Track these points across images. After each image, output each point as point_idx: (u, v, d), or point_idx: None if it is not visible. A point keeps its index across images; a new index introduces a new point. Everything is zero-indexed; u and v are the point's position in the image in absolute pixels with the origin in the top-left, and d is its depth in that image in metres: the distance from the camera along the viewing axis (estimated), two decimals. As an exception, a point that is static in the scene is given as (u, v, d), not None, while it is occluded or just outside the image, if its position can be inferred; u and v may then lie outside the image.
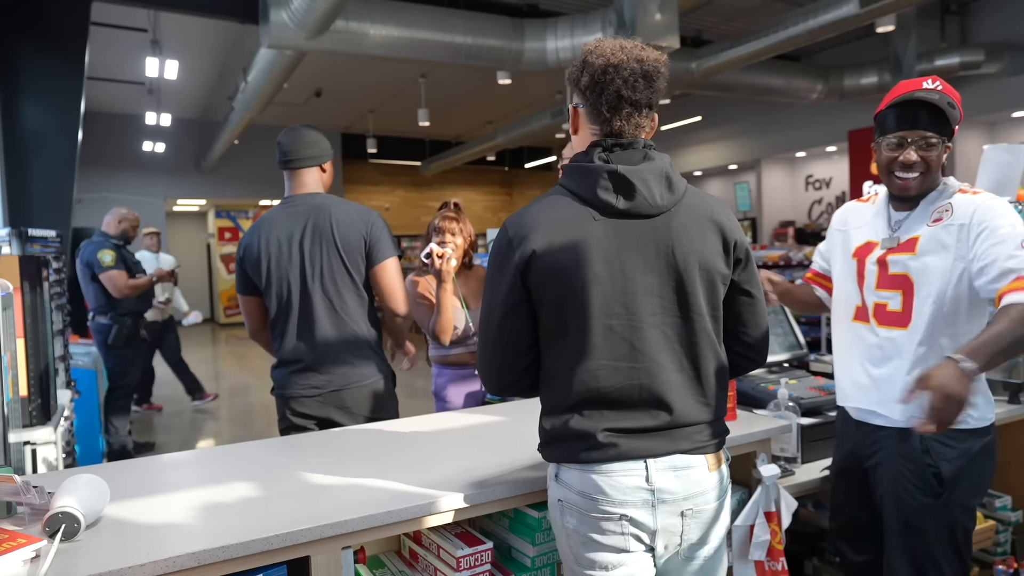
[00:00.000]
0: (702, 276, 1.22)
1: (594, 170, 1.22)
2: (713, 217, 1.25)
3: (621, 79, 1.20)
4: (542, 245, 1.19)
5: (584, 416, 1.20)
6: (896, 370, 1.59)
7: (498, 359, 1.27)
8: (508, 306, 1.23)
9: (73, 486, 1.20)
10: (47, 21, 5.67)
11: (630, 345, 1.20)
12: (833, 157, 12.09)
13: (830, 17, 6.65)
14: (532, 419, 2.05)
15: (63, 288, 3.23)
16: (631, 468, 1.19)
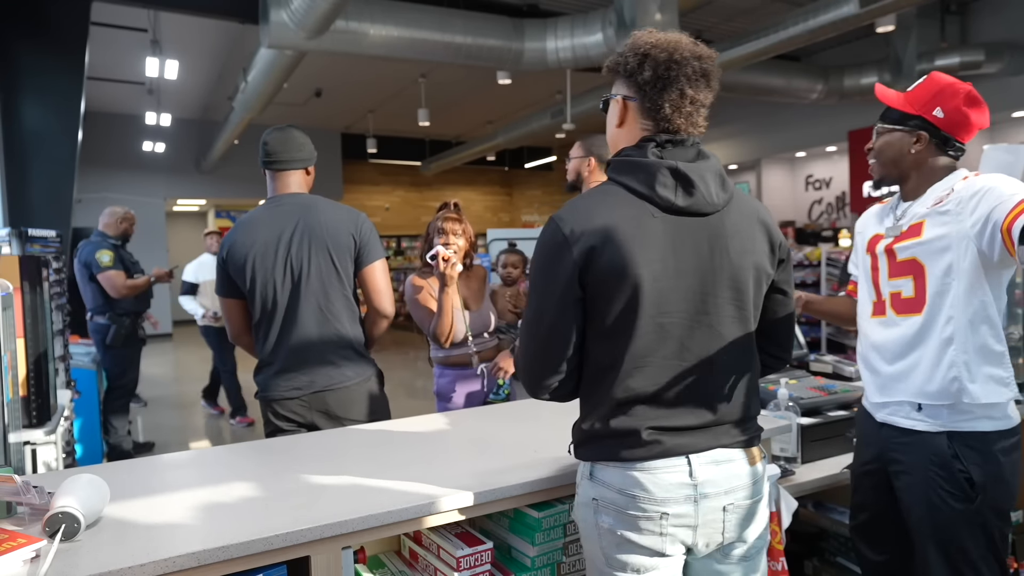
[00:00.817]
0: (754, 276, 1.23)
1: (652, 165, 1.19)
2: (760, 217, 1.27)
3: (685, 76, 1.18)
4: (602, 241, 1.15)
5: (627, 414, 1.19)
6: (918, 360, 1.58)
7: (547, 359, 1.22)
8: (563, 304, 1.18)
9: (73, 486, 1.20)
10: (47, 21, 5.67)
11: (679, 344, 1.19)
12: (833, 157, 12.09)
13: (830, 17, 6.64)
14: (532, 420, 2.05)
15: (63, 288, 3.23)
16: (674, 464, 1.18)
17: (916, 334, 1.59)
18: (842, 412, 1.99)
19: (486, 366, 2.63)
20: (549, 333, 1.21)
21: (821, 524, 2.09)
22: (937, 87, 1.61)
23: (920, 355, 1.58)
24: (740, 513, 1.23)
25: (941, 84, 1.61)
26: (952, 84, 1.61)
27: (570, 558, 1.52)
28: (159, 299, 7.20)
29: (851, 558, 1.98)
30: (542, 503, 1.49)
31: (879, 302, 1.68)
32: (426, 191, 16.33)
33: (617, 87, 1.29)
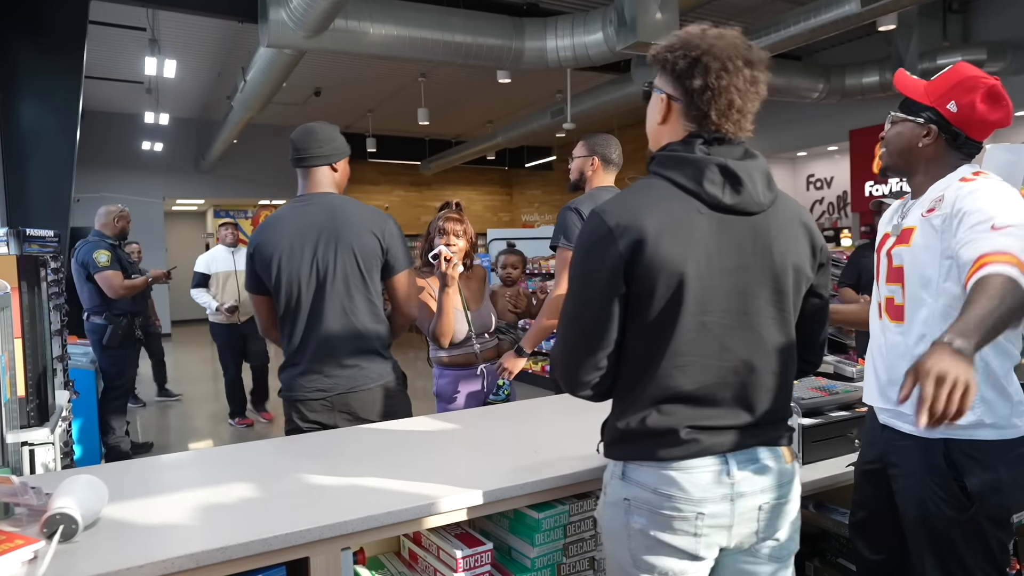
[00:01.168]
0: (795, 278, 1.22)
1: (700, 161, 1.17)
2: (803, 219, 1.26)
3: (735, 87, 1.17)
4: (650, 235, 1.13)
5: (663, 413, 1.17)
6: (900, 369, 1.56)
7: (586, 356, 1.19)
8: (607, 298, 1.16)
9: (71, 487, 1.19)
10: (45, 20, 5.66)
11: (720, 343, 1.17)
12: (834, 157, 12.08)
13: (831, 16, 6.63)
14: (533, 420, 2.04)
15: (61, 288, 3.22)
16: (711, 464, 1.17)
17: (898, 344, 1.57)
18: (843, 413, 1.98)
19: (487, 366, 2.63)
20: (591, 328, 1.18)
21: (822, 525, 2.08)
22: (956, 79, 1.54)
23: (901, 366, 1.55)
24: (774, 512, 1.22)
25: (961, 76, 1.54)
26: (973, 78, 1.53)
27: (570, 559, 1.51)
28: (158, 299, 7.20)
29: (852, 559, 1.97)
30: (542, 504, 1.48)
31: (880, 303, 1.66)
32: (426, 191, 16.32)
33: (662, 81, 1.26)
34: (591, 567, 1.55)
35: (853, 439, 1.91)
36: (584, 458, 1.55)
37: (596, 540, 1.55)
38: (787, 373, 1.25)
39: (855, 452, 1.89)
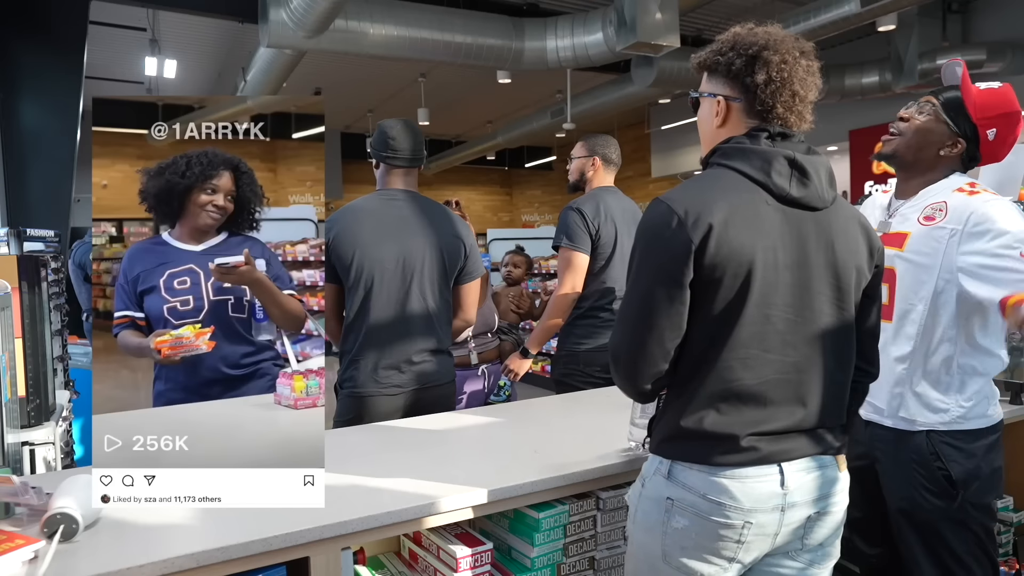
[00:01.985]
0: (856, 278, 1.22)
1: (767, 153, 1.17)
2: (861, 221, 1.26)
3: (797, 78, 1.18)
4: (720, 222, 1.12)
5: (723, 413, 1.15)
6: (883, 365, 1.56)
7: (653, 348, 1.16)
8: (675, 288, 1.13)
9: (71, 487, 1.20)
10: (46, 20, 5.66)
11: (781, 338, 1.15)
12: (834, 157, 12.06)
13: (831, 16, 6.64)
14: (533, 420, 2.04)
15: (62, 288, 3.22)
16: (767, 473, 1.15)
17: (884, 340, 1.55)
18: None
19: (488, 366, 2.63)
20: (658, 319, 1.15)
21: (822, 524, 2.09)
22: (1007, 109, 1.53)
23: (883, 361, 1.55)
24: (821, 521, 1.21)
25: (1011, 109, 1.53)
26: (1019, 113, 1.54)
27: (570, 559, 1.52)
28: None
29: (851, 557, 1.97)
30: (542, 503, 1.48)
31: None
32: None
33: (714, 85, 1.25)
34: (591, 567, 1.55)
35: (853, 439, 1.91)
36: (584, 458, 1.55)
37: (596, 540, 1.55)
38: (845, 375, 1.24)
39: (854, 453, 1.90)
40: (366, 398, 2.04)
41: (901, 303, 1.56)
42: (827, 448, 1.21)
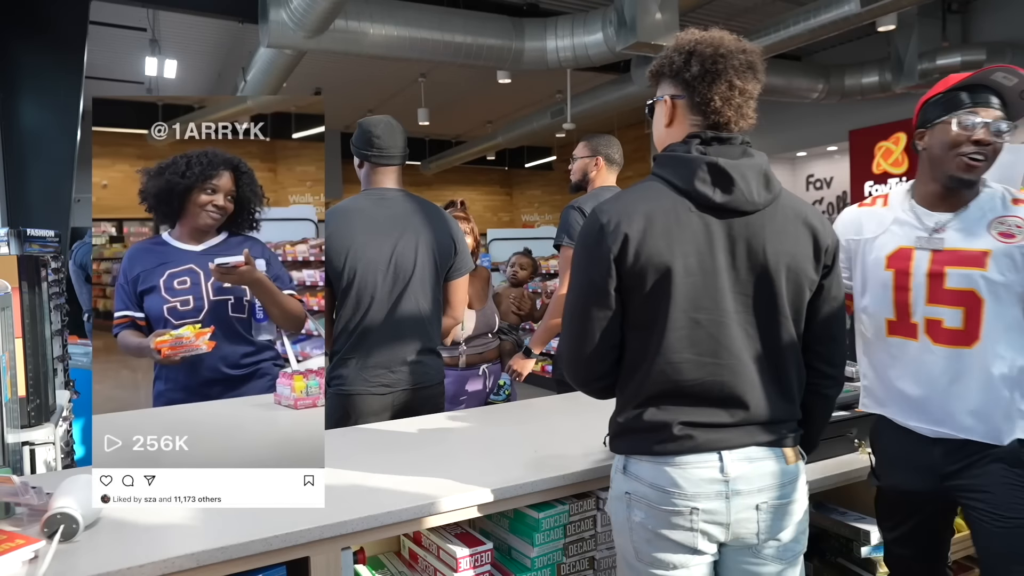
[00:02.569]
0: (789, 278, 1.22)
1: (692, 161, 1.20)
2: (807, 220, 1.25)
3: (732, 68, 1.20)
4: (637, 232, 1.17)
5: (660, 409, 1.20)
6: (969, 388, 1.47)
7: (587, 351, 1.23)
8: (602, 294, 1.20)
9: (72, 487, 1.20)
10: (46, 20, 5.66)
11: (715, 341, 1.19)
12: (834, 157, 12.07)
13: (831, 16, 6.64)
14: (533, 420, 2.04)
15: (62, 288, 3.22)
16: (705, 460, 1.19)
17: (965, 365, 1.48)
18: (843, 412, 1.98)
19: (488, 367, 2.63)
20: (591, 324, 1.22)
21: (822, 524, 2.09)
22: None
23: (969, 384, 1.47)
24: (774, 512, 1.22)
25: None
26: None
27: (570, 559, 1.52)
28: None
29: (852, 558, 1.97)
30: (542, 503, 1.48)
31: (906, 324, 1.55)
32: (426, 191, 16.31)
33: (663, 89, 1.30)
34: (591, 567, 1.55)
35: (853, 439, 1.91)
36: (584, 458, 1.55)
37: (596, 540, 1.55)
38: (785, 373, 1.25)
39: (854, 452, 1.89)
40: (354, 396, 2.03)
41: (992, 322, 1.46)
42: (769, 440, 1.23)
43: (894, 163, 10.10)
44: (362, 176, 2.18)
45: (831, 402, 1.36)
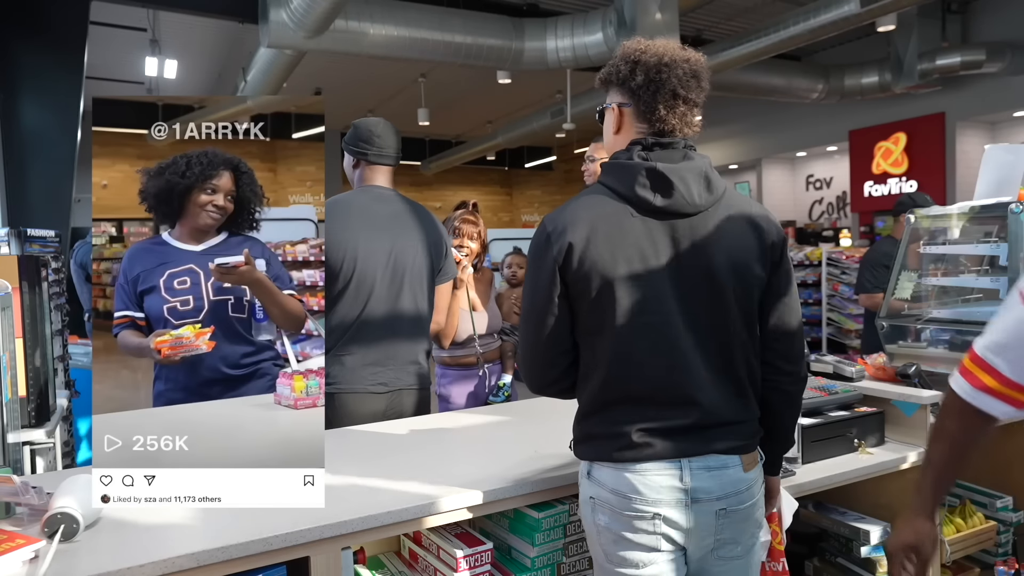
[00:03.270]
0: (736, 277, 1.23)
1: (633, 167, 1.23)
2: (751, 219, 1.26)
3: (676, 77, 1.23)
4: (579, 239, 1.20)
5: (617, 414, 1.22)
6: None
7: (540, 356, 1.27)
8: (548, 302, 1.23)
9: (72, 487, 1.20)
10: (47, 21, 5.67)
11: (665, 341, 1.21)
12: (834, 157, 12.08)
13: (831, 16, 6.64)
14: (533, 420, 2.04)
15: (62, 288, 3.22)
16: (665, 468, 1.20)
17: None
18: (843, 412, 1.98)
19: (490, 367, 2.63)
20: (541, 330, 1.25)
21: (821, 524, 2.09)
22: None
23: None
24: (734, 518, 1.24)
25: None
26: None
27: (570, 558, 1.52)
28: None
29: (852, 558, 1.97)
30: (542, 503, 1.48)
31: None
32: (426, 191, 16.32)
33: (611, 96, 1.33)
34: (591, 567, 1.55)
35: (852, 439, 1.91)
36: (584, 458, 1.55)
37: (596, 540, 1.55)
38: (736, 372, 1.25)
39: (854, 452, 1.90)
40: (347, 394, 2.00)
41: None
42: (729, 447, 1.23)
43: (894, 163, 10.10)
44: (355, 175, 2.15)
45: (795, 398, 1.35)
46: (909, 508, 1.15)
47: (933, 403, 1.93)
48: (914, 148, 9.79)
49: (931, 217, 2.53)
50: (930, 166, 9.53)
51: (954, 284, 2.44)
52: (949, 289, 2.47)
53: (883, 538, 1.91)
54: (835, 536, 2.04)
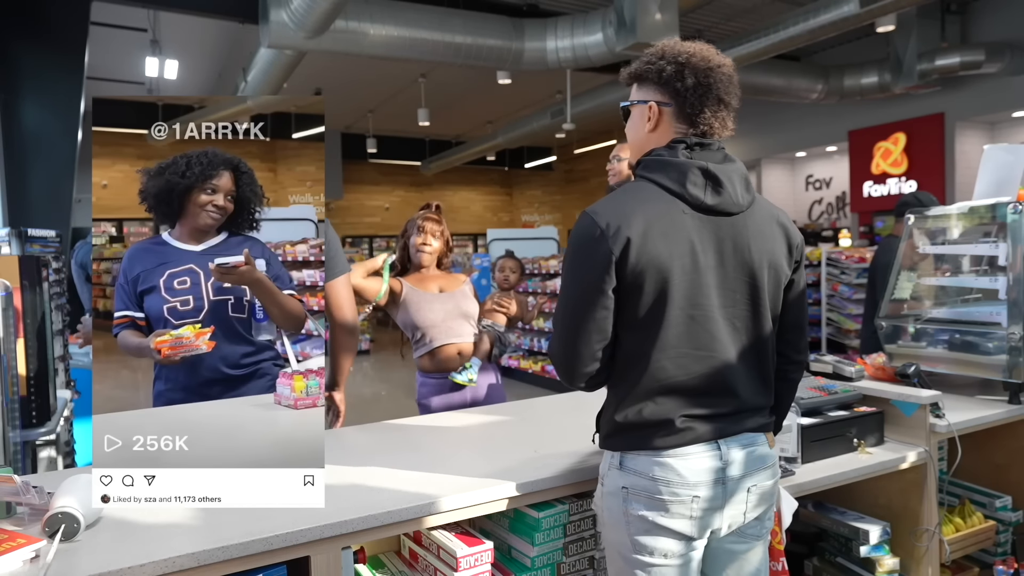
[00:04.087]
0: (770, 274, 1.30)
1: (683, 165, 1.26)
2: (780, 220, 1.35)
3: (720, 82, 1.28)
4: (637, 234, 1.21)
5: (659, 404, 1.25)
6: None
7: (583, 349, 1.26)
8: (600, 294, 1.23)
9: (73, 486, 1.20)
10: (47, 21, 5.67)
11: (708, 335, 1.25)
12: (833, 157, 12.09)
13: (830, 17, 6.64)
14: (532, 420, 2.05)
15: (63, 288, 3.23)
16: (705, 450, 1.25)
17: None
18: (842, 412, 1.98)
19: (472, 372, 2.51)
20: (587, 323, 1.25)
21: (821, 524, 2.09)
22: None
23: None
24: (761, 493, 1.31)
25: None
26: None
27: (570, 558, 1.52)
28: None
29: (851, 558, 1.98)
30: (542, 503, 1.49)
31: None
32: (426, 191, 16.33)
33: (644, 93, 1.34)
34: (591, 566, 1.55)
35: (852, 439, 1.92)
36: (583, 458, 1.55)
37: (596, 540, 1.55)
38: (768, 364, 1.34)
39: (853, 451, 1.90)
40: None
41: None
42: (756, 426, 1.32)
43: (893, 163, 10.10)
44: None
45: (795, 386, 1.46)
46: None
47: (932, 403, 1.94)
48: (913, 148, 9.79)
49: (930, 217, 2.53)
50: (929, 166, 9.54)
51: (953, 284, 2.44)
52: (948, 289, 2.47)
53: (882, 538, 1.92)
54: (834, 536, 2.04)
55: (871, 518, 1.96)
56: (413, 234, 2.48)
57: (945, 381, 2.25)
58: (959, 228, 2.45)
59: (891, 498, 1.99)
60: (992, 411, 2.07)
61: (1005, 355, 2.12)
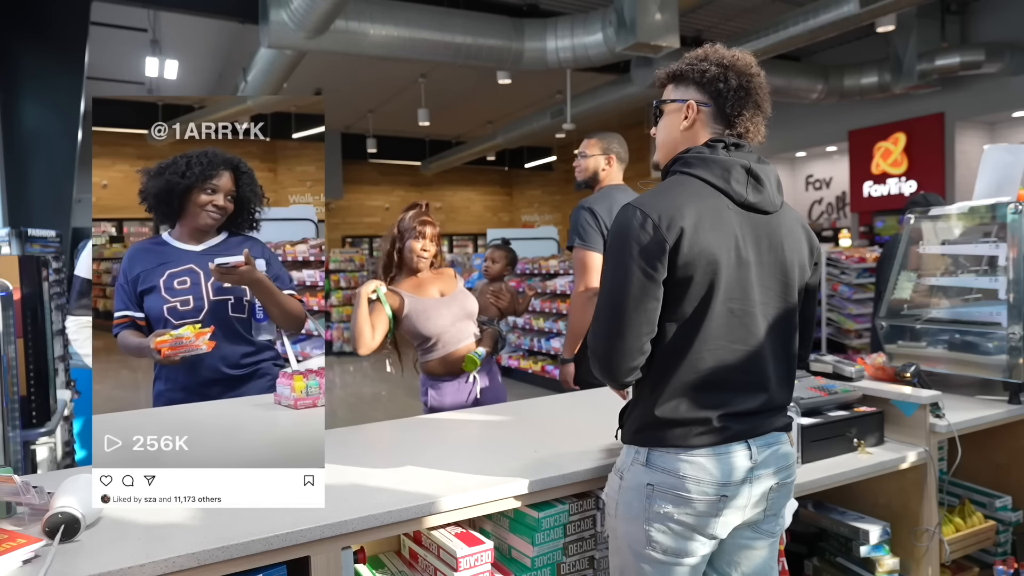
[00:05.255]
0: (799, 274, 1.35)
1: (727, 162, 1.29)
2: (803, 223, 1.40)
3: (759, 89, 1.33)
4: (690, 225, 1.23)
5: (693, 401, 1.26)
6: None
7: (630, 343, 1.25)
8: (652, 285, 1.23)
9: (73, 486, 1.20)
10: (47, 21, 5.67)
11: (746, 329, 1.28)
12: (833, 157, 12.09)
13: (830, 17, 6.64)
14: (532, 420, 2.05)
15: (63, 288, 3.23)
16: (738, 448, 1.27)
17: None
18: (842, 412, 1.98)
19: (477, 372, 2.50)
20: (637, 316, 1.24)
21: (821, 524, 2.09)
22: None
23: None
24: (780, 492, 1.33)
25: None
26: None
27: (570, 558, 1.52)
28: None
29: (851, 558, 1.98)
30: (542, 503, 1.49)
31: None
32: (426, 191, 16.33)
33: (683, 92, 1.36)
34: (591, 566, 1.55)
35: (852, 439, 1.92)
36: (584, 458, 1.55)
37: (596, 540, 1.55)
38: (792, 361, 1.37)
39: (853, 451, 1.90)
40: None
41: None
42: (782, 425, 1.35)
43: (893, 163, 10.11)
44: None
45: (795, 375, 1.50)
46: None
47: (932, 403, 1.94)
48: (913, 148, 9.80)
49: (930, 217, 2.53)
50: (929, 166, 9.54)
51: (953, 284, 2.44)
52: (948, 289, 2.47)
53: (883, 538, 1.92)
54: (834, 536, 2.04)
55: (871, 518, 1.96)
56: (410, 238, 2.35)
57: (945, 381, 2.25)
58: (959, 228, 2.45)
59: (891, 498, 1.99)
60: (992, 411, 2.07)
61: (1005, 355, 2.13)
